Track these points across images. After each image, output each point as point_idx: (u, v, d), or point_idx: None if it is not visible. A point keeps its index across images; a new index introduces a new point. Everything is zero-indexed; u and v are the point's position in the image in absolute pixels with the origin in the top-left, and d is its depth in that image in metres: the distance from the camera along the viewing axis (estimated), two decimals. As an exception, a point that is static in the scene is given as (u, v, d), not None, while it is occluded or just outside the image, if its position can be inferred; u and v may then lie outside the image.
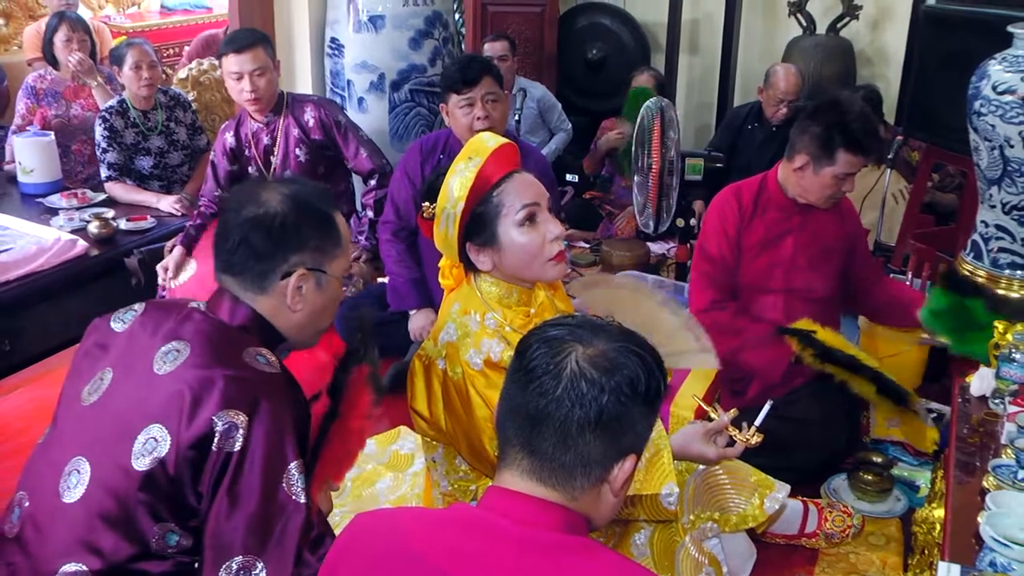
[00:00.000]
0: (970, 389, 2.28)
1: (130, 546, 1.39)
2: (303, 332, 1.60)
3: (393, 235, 3.13)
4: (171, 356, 1.45)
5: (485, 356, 1.75)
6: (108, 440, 1.42)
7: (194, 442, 1.36)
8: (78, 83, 4.17)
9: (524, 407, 1.16)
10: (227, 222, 1.55)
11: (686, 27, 5.37)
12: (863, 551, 2.33)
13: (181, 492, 1.38)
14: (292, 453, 1.40)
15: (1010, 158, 2.67)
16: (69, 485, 1.43)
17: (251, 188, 1.58)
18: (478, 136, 1.86)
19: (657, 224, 3.74)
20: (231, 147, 3.46)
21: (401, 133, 4.30)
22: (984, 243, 2.90)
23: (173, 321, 1.51)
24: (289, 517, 1.39)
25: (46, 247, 3.22)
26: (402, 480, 2.50)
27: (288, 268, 1.52)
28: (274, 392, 1.43)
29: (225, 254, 1.54)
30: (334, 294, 1.61)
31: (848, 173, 2.58)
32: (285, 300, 1.53)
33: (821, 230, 2.73)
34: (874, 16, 5.03)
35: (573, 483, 1.16)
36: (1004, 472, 1.83)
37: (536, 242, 1.77)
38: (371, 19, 4.20)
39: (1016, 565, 1.54)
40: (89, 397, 1.50)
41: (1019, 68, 2.63)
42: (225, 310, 1.53)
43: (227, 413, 1.37)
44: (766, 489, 2.06)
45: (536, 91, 4.74)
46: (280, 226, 1.51)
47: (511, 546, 1.12)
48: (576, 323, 1.21)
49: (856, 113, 2.55)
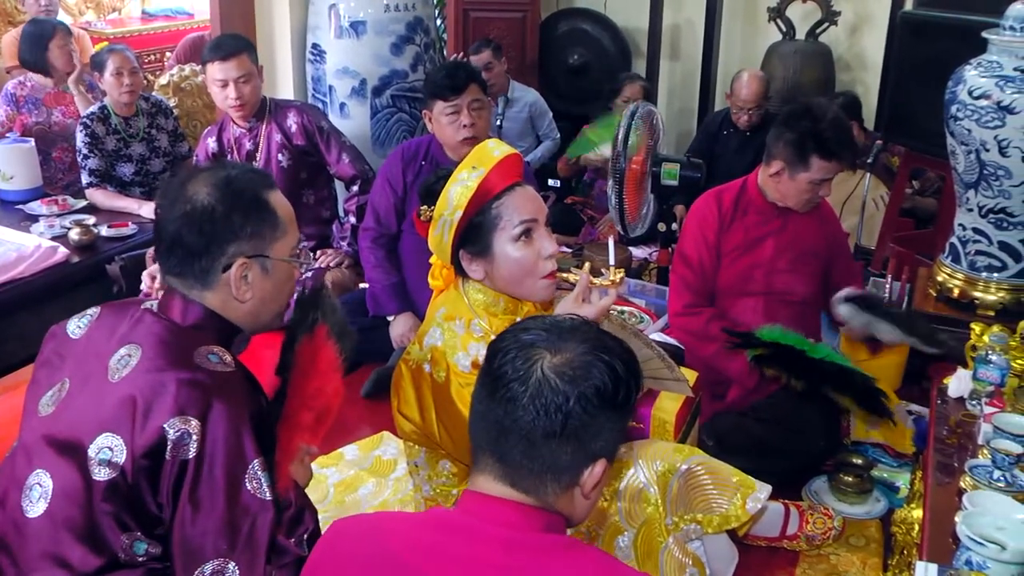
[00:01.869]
0: (948, 391, 2.31)
1: (98, 557, 1.36)
2: (259, 319, 1.56)
3: (373, 242, 3.13)
4: (123, 362, 1.42)
5: (473, 358, 1.75)
6: (66, 451, 1.40)
7: (147, 451, 1.34)
8: (60, 89, 4.16)
9: (491, 413, 1.16)
10: (159, 223, 1.52)
11: (667, 33, 5.39)
12: (844, 552, 2.34)
13: (142, 500, 1.36)
14: (252, 451, 1.38)
15: (986, 162, 2.71)
16: (31, 499, 1.41)
17: (178, 183, 1.52)
18: (484, 144, 1.85)
19: (626, 229, 3.72)
20: (213, 152, 3.46)
21: (383, 138, 4.31)
22: (962, 246, 2.93)
23: (126, 325, 1.48)
24: (256, 516, 1.37)
25: (26, 254, 3.19)
26: (385, 485, 2.49)
27: (227, 260, 1.48)
28: (228, 391, 1.40)
29: (163, 256, 1.51)
30: (284, 275, 1.56)
31: (824, 179, 2.61)
32: (231, 292, 1.49)
33: (801, 233, 2.75)
34: (853, 22, 5.07)
35: (544, 488, 1.16)
36: (981, 472, 1.85)
37: (530, 258, 1.78)
38: (352, 25, 4.20)
39: (991, 563, 1.56)
40: (46, 408, 1.48)
41: (994, 73, 2.66)
42: (176, 310, 1.50)
43: (179, 420, 1.34)
44: (748, 489, 2.06)
45: (529, 96, 4.75)
46: (210, 219, 1.46)
47: (496, 547, 1.12)
48: (548, 325, 1.20)
49: (829, 120, 2.57)
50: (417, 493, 2.00)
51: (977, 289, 2.87)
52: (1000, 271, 2.85)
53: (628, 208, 3.39)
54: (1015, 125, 2.61)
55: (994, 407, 2.13)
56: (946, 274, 2.98)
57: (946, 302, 2.97)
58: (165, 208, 1.50)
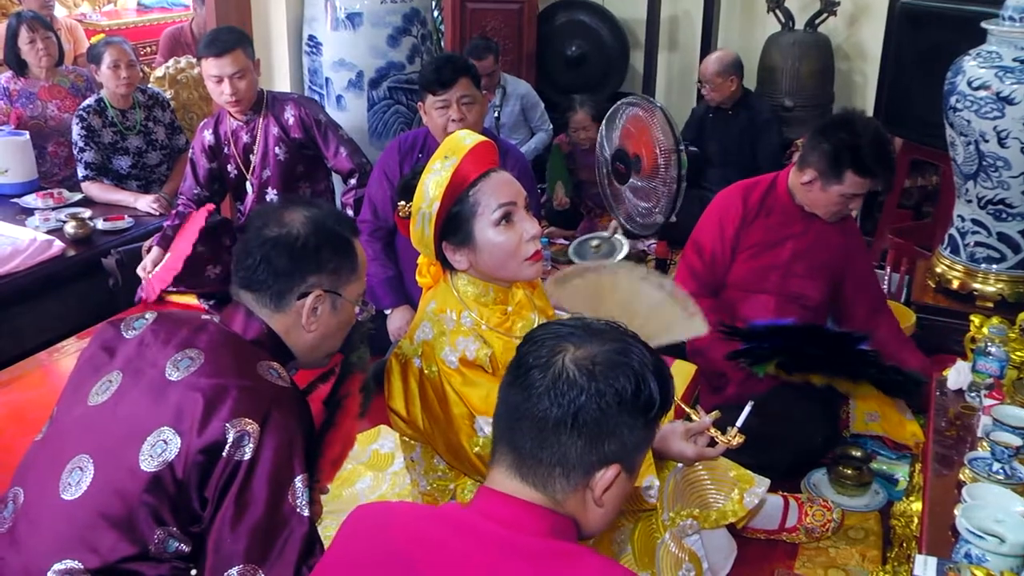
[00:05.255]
0: (947, 383, 2.30)
1: (129, 546, 1.39)
2: (314, 352, 1.63)
3: (370, 235, 3.11)
4: (184, 363, 1.46)
5: (460, 354, 1.74)
6: (116, 440, 1.43)
7: (205, 447, 1.38)
8: (54, 83, 4.13)
9: (510, 398, 1.17)
10: (249, 240, 1.58)
11: (665, 24, 5.37)
12: (843, 545, 2.34)
13: (187, 496, 1.39)
14: (299, 466, 1.43)
15: (985, 153, 2.70)
16: (71, 482, 1.44)
17: (275, 208, 1.62)
18: (455, 134, 1.85)
19: (670, 215, 3.70)
20: (210, 145, 3.44)
21: (380, 131, 4.29)
22: (961, 237, 2.92)
23: (187, 331, 1.53)
24: (292, 530, 1.40)
25: (21, 248, 3.18)
26: (382, 479, 2.49)
27: (306, 288, 1.55)
28: (285, 405, 1.45)
29: (246, 270, 1.56)
30: (347, 317, 1.63)
31: (856, 193, 2.54)
32: (300, 319, 1.56)
33: (822, 240, 2.70)
34: (851, 12, 5.05)
35: (553, 483, 1.16)
36: (980, 465, 1.85)
37: (512, 241, 1.77)
38: (349, 16, 4.18)
39: (990, 556, 1.56)
40: (96, 397, 1.50)
41: (993, 64, 2.65)
42: (239, 323, 1.56)
43: (239, 422, 1.38)
44: (746, 484, 2.06)
45: (520, 88, 4.73)
46: (302, 247, 1.54)
47: (491, 548, 1.12)
48: (584, 324, 1.22)
49: (870, 137, 2.49)
50: (414, 488, 1.99)
51: (976, 280, 2.87)
52: (999, 262, 2.85)
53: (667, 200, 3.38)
54: (1014, 116, 2.60)
55: (993, 399, 2.13)
56: (945, 265, 2.97)
57: (945, 294, 2.97)
58: (258, 227, 1.57)
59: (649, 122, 3.58)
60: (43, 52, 4.03)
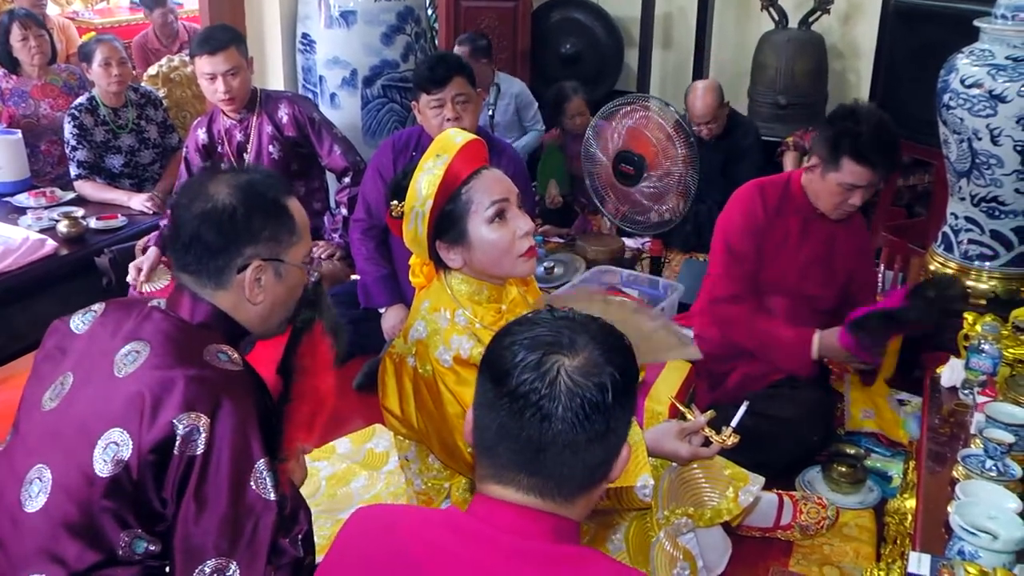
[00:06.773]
0: (941, 380, 2.31)
1: (95, 554, 1.36)
2: (267, 323, 1.58)
3: (364, 233, 3.11)
4: (131, 358, 1.42)
5: (455, 353, 1.74)
6: (69, 446, 1.39)
7: (155, 446, 1.34)
8: (47, 81, 4.11)
9: (523, 433, 1.11)
10: (177, 219, 1.52)
11: (659, 22, 5.37)
12: (837, 542, 2.35)
13: (146, 497, 1.36)
14: (258, 451, 1.38)
15: (978, 151, 2.70)
16: (31, 494, 1.40)
17: (199, 182, 1.54)
18: (445, 133, 1.85)
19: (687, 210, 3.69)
20: (204, 143, 3.43)
21: (374, 129, 4.29)
22: (954, 235, 2.93)
23: (133, 321, 1.48)
24: (260, 516, 1.37)
25: (13, 247, 3.17)
26: (377, 479, 2.49)
27: (244, 261, 1.49)
28: (237, 390, 1.40)
29: (179, 252, 1.51)
30: (296, 281, 1.57)
31: (854, 184, 2.49)
32: (244, 293, 1.51)
33: (836, 242, 2.69)
34: (845, 10, 5.05)
35: (577, 492, 1.14)
36: (973, 462, 1.85)
37: (506, 238, 1.76)
38: (342, 14, 4.18)
39: (983, 552, 1.56)
40: (50, 403, 1.47)
41: (986, 62, 2.66)
42: (185, 308, 1.51)
43: (188, 416, 1.34)
44: (740, 482, 2.06)
45: (514, 87, 4.73)
46: (230, 219, 1.48)
47: (501, 556, 1.11)
48: (544, 320, 1.17)
49: (871, 124, 2.46)
50: (409, 487, 1.99)
51: (969, 278, 2.87)
52: (992, 260, 2.85)
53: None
54: (1007, 114, 2.61)
55: (986, 396, 2.13)
56: (939, 263, 2.97)
57: (939, 291, 2.97)
58: (184, 205, 1.51)
59: (659, 121, 3.56)
60: (36, 50, 4.02)
